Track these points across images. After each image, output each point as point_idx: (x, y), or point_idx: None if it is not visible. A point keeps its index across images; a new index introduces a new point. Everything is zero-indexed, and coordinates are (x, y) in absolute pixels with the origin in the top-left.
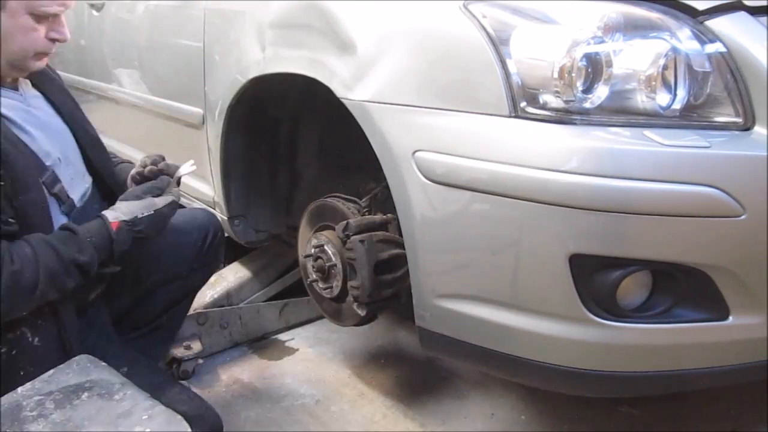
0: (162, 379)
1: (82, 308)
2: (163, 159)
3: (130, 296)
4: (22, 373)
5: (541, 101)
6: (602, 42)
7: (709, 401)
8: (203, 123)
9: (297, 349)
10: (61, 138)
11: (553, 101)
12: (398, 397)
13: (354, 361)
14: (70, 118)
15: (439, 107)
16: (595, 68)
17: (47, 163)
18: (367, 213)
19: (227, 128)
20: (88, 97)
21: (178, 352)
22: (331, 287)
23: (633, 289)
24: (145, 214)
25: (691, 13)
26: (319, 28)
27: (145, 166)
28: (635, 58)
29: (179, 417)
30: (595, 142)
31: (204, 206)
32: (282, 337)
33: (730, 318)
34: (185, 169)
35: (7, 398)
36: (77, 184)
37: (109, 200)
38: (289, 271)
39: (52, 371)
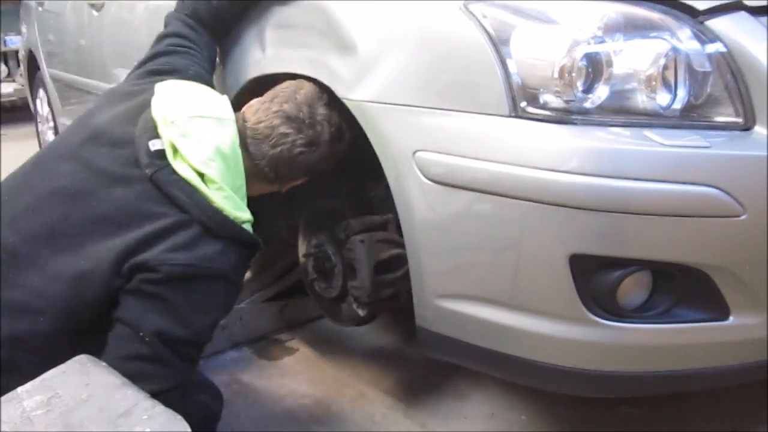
0: None
1: None
2: None
3: None
4: None
5: (541, 101)
6: (602, 42)
7: (709, 401)
8: None
9: (297, 349)
10: None
11: (554, 101)
12: (398, 397)
13: (354, 361)
14: None
15: (439, 107)
16: (595, 68)
17: None
18: (367, 213)
19: None
20: (88, 97)
21: None
22: (331, 287)
23: (633, 289)
24: None
25: (692, 13)
26: (320, 28)
27: None
28: (635, 58)
29: (179, 417)
30: (595, 142)
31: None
32: (282, 337)
33: (730, 318)
34: None
35: (7, 398)
36: None
37: None
38: (289, 271)
39: (52, 371)
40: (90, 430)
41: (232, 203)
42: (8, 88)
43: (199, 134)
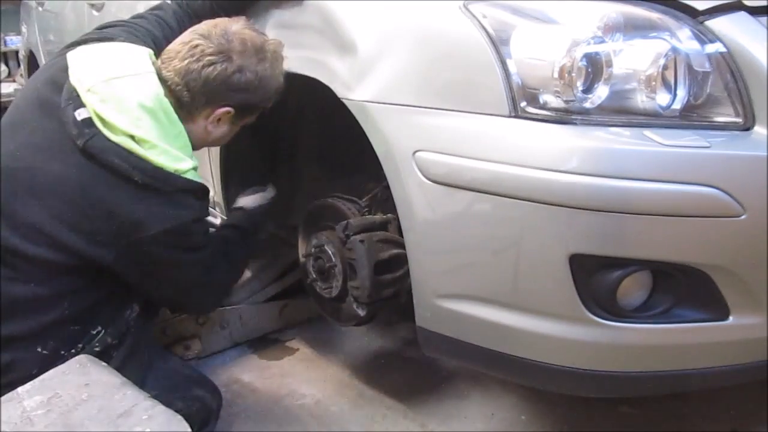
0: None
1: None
2: None
3: None
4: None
5: (541, 101)
6: (602, 42)
7: (709, 401)
8: None
9: (297, 349)
10: None
11: (553, 101)
12: (398, 397)
13: (354, 361)
14: None
15: (439, 107)
16: (595, 68)
17: None
18: (367, 213)
19: None
20: None
21: (178, 351)
22: (331, 287)
23: (633, 289)
24: (265, 202)
25: (691, 13)
26: (320, 29)
27: None
28: (635, 58)
29: (179, 417)
30: (595, 142)
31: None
32: (282, 337)
33: (730, 318)
34: None
35: (7, 398)
36: None
37: None
38: (289, 271)
39: (52, 371)
40: (90, 430)
41: (169, 157)
42: (8, 88)
43: (118, 96)
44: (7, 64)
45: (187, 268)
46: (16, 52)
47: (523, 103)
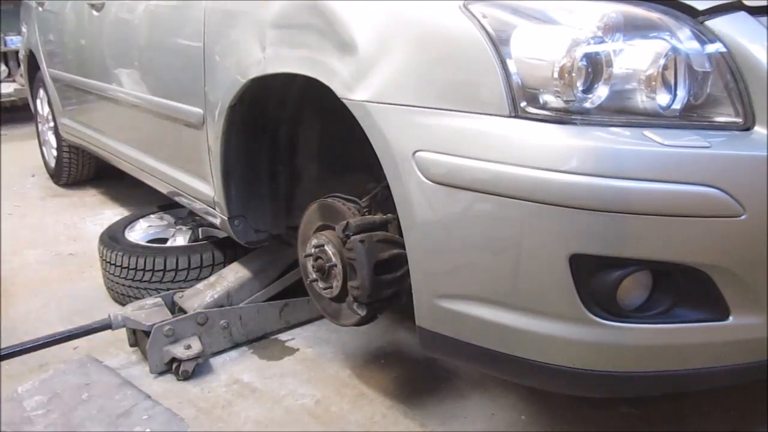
0: None
1: None
2: None
3: None
4: None
5: (541, 101)
6: (602, 42)
7: (709, 401)
8: (203, 123)
9: (297, 349)
10: None
11: (554, 101)
12: (398, 397)
13: (354, 361)
14: None
15: (439, 107)
16: (595, 68)
17: None
18: (367, 213)
19: (227, 128)
20: (88, 97)
21: (178, 352)
22: (331, 287)
23: (633, 289)
24: None
25: (691, 13)
26: (320, 28)
27: None
28: (635, 58)
29: (179, 417)
30: (595, 142)
31: (205, 206)
32: (282, 337)
33: (730, 318)
34: None
35: (7, 398)
36: None
37: None
38: (289, 271)
39: (52, 371)
40: (90, 430)
41: None
42: (8, 88)
43: None
44: (7, 64)
45: None
46: (16, 52)
47: (523, 103)
